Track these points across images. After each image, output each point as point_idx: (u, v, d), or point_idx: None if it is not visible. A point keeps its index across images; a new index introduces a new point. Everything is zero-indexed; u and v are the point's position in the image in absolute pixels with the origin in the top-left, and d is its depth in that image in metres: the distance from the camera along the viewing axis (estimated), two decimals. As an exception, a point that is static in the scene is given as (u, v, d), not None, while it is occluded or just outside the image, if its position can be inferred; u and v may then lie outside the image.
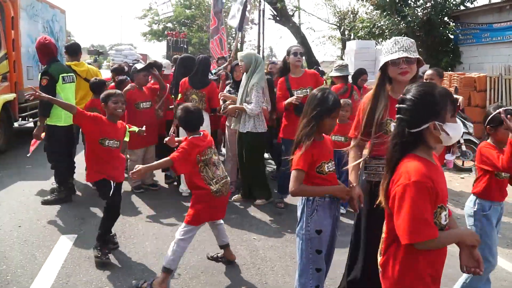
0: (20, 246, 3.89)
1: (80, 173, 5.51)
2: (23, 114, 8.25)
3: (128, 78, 6.05)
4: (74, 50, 5.90)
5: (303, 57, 5.01)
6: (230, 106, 5.07)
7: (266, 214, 4.96)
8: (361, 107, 2.77)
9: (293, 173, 2.51)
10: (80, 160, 5.20)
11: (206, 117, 5.07)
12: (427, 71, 5.67)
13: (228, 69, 6.48)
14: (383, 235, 1.89)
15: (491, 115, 2.91)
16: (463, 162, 7.50)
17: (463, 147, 7.22)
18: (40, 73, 5.03)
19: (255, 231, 4.45)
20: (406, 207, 1.64)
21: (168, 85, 5.99)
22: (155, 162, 3.61)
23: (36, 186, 5.65)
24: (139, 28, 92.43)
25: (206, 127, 4.93)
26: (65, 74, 5.04)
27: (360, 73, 6.33)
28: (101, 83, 5.36)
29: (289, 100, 4.73)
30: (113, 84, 6.02)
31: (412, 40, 2.58)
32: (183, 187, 5.37)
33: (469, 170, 7.31)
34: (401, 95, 1.81)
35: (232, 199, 5.24)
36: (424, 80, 5.69)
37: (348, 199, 2.59)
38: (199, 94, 5.23)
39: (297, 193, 2.53)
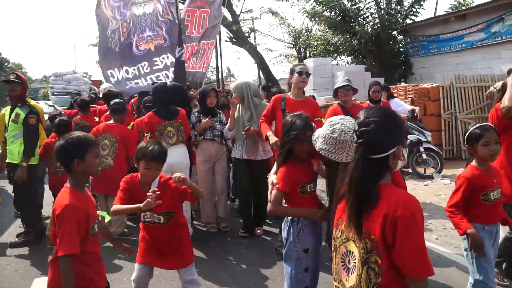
0: (-8, 294, 3.73)
1: (47, 211, 5.32)
2: None
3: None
4: None
5: (308, 78, 4.46)
6: (252, 129, 4.73)
7: (243, 239, 4.96)
8: None
9: (273, 193, 2.65)
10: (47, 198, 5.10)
11: (183, 149, 4.81)
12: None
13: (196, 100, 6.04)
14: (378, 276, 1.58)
15: (468, 133, 2.88)
16: (424, 169, 7.81)
17: (424, 155, 7.56)
18: (26, 112, 4.79)
19: (234, 256, 4.46)
20: (415, 239, 1.53)
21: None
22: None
23: (1, 230, 5.43)
24: (93, 56, 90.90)
25: (185, 161, 4.77)
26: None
27: (370, 86, 6.13)
28: (68, 123, 5.17)
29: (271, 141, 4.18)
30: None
31: None
32: None
33: (430, 177, 7.61)
34: (361, 119, 1.70)
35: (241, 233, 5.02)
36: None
37: (320, 221, 2.69)
38: (174, 125, 4.71)
39: (274, 212, 2.73)
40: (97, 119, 6.22)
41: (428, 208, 6.01)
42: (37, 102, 7.00)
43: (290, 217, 2.71)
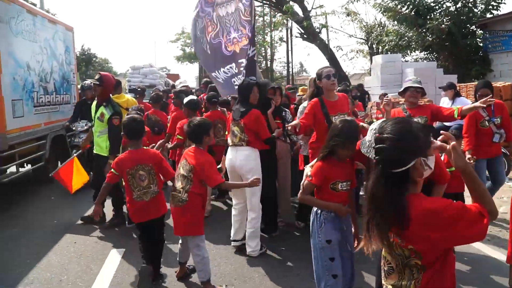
0: (77, 259, 4.43)
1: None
2: (10, 165, 6.41)
3: None
4: (115, 85, 6.25)
5: (336, 79, 4.36)
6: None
7: (297, 229, 5.33)
8: None
9: (305, 183, 2.96)
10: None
11: (247, 152, 4.47)
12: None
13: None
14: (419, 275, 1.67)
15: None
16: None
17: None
18: (110, 114, 5.16)
19: (284, 243, 4.84)
20: (461, 216, 1.56)
21: None
22: None
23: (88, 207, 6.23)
24: (172, 52, 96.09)
25: (246, 165, 4.45)
26: None
27: (477, 88, 5.33)
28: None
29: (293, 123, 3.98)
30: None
31: None
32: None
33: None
34: (376, 134, 1.75)
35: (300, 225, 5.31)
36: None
37: (344, 215, 2.94)
38: (240, 125, 4.50)
39: (302, 200, 3.07)
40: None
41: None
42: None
43: (315, 209, 3.00)
